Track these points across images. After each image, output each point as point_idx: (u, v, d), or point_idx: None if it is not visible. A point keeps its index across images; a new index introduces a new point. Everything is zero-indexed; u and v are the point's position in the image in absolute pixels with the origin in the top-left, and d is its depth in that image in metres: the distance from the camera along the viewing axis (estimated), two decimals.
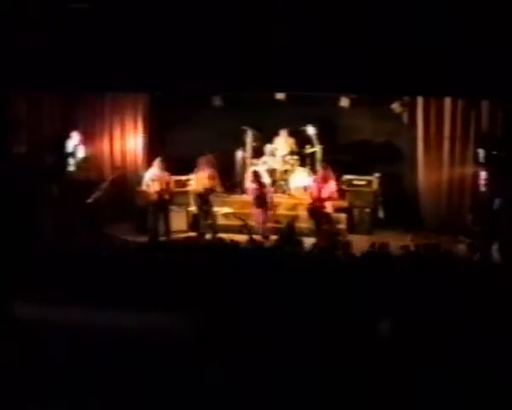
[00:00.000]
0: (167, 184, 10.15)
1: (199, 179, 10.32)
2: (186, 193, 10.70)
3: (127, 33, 8.64)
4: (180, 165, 10.73)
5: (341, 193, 10.41)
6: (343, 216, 10.38)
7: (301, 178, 11.10)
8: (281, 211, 10.69)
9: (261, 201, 10.07)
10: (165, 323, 5.25)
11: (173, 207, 10.48)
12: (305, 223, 10.06)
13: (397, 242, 8.35)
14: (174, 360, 4.62)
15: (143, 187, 10.11)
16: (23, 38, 8.50)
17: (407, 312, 5.31)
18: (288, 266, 6.31)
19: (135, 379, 4.41)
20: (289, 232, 8.78)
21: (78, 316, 5.42)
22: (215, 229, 10.12)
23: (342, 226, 10.21)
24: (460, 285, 5.77)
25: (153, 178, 10.06)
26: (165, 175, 10.17)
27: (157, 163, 10.14)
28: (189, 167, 10.68)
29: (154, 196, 10.00)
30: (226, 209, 10.58)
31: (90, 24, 8.52)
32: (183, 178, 10.70)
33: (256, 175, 10.20)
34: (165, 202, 10.14)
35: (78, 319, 5.37)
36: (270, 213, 10.14)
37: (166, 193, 10.12)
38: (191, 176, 10.57)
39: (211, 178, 10.28)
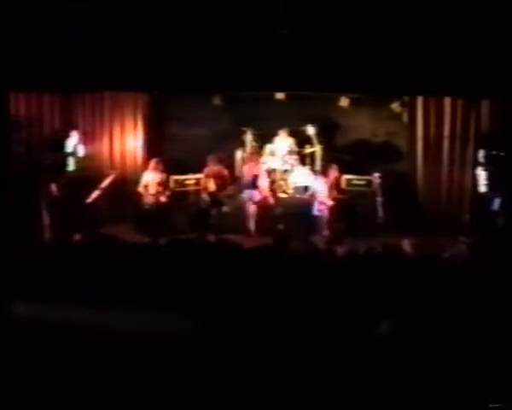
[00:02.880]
0: (164, 185, 10.12)
1: (209, 178, 10.32)
2: (187, 192, 10.70)
3: (127, 33, 8.64)
4: (180, 165, 10.73)
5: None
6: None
7: (301, 178, 11.11)
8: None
9: None
10: (165, 323, 5.26)
11: None
12: None
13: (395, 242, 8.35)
14: (175, 361, 4.62)
15: (140, 189, 10.12)
16: (23, 37, 8.48)
17: (406, 313, 5.32)
18: (288, 267, 6.31)
19: (135, 379, 4.42)
20: None
21: (78, 316, 5.42)
22: (221, 229, 10.06)
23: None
24: (458, 286, 5.78)
25: (148, 180, 10.07)
26: (162, 177, 10.15)
27: (152, 165, 10.14)
28: (187, 167, 10.69)
29: (151, 199, 10.00)
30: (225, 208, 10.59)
31: (90, 24, 8.52)
32: (190, 177, 10.68)
33: None
34: (162, 204, 10.12)
35: (78, 318, 5.37)
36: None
37: (163, 195, 10.10)
38: (199, 175, 10.56)
39: (221, 176, 10.28)
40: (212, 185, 10.38)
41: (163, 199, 10.16)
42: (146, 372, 4.50)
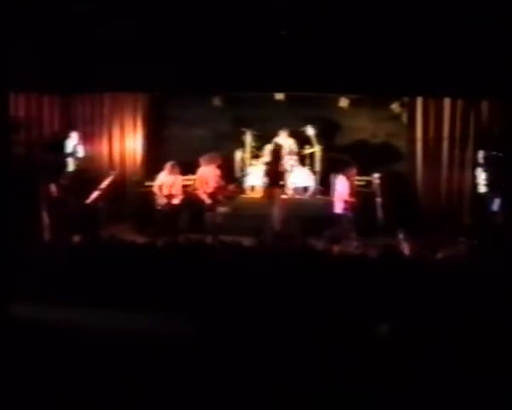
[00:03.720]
0: (177, 188, 10.10)
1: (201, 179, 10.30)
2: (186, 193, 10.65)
3: (127, 34, 8.65)
4: (180, 165, 10.71)
5: None
6: None
7: (302, 179, 11.11)
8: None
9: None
10: (165, 324, 5.26)
11: None
12: None
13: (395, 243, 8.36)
14: (174, 362, 4.62)
15: (154, 190, 10.13)
16: (23, 38, 8.49)
17: (406, 315, 5.32)
18: (287, 266, 6.31)
19: (135, 380, 4.42)
20: None
21: (78, 316, 5.42)
22: (219, 230, 10.03)
23: None
24: (458, 286, 5.78)
25: (163, 181, 10.07)
26: (177, 179, 10.13)
27: (167, 167, 10.13)
28: (187, 168, 10.68)
29: (164, 200, 10.00)
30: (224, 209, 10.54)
31: (91, 25, 8.53)
32: (190, 177, 10.64)
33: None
34: (174, 206, 10.09)
35: (78, 319, 5.37)
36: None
37: (175, 198, 10.08)
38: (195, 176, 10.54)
39: (217, 177, 10.26)
40: (206, 186, 10.33)
41: (176, 201, 10.14)
42: (145, 372, 4.50)
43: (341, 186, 9.82)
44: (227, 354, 4.77)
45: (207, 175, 10.18)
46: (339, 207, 9.78)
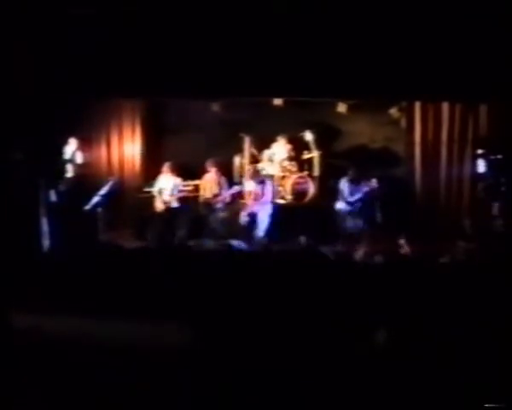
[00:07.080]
0: (177, 189, 10.11)
1: (207, 184, 10.31)
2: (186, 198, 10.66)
3: (127, 38, 8.67)
4: (178, 170, 10.72)
5: None
6: None
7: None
8: None
9: None
10: (163, 331, 5.26)
11: None
12: None
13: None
14: (173, 369, 4.62)
15: (155, 194, 10.11)
16: (23, 42, 8.50)
17: (405, 318, 5.32)
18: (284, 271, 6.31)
19: (134, 387, 4.41)
20: None
21: (77, 324, 5.42)
22: (219, 235, 10.03)
23: None
24: (457, 290, 5.78)
25: (162, 183, 10.05)
26: (175, 181, 10.13)
27: (165, 169, 10.13)
28: (186, 173, 10.68)
29: (163, 204, 9.99)
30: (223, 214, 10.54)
31: (90, 29, 8.54)
32: (189, 183, 10.64)
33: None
34: (173, 209, 10.08)
35: (77, 327, 5.37)
36: None
37: (174, 200, 10.07)
38: (198, 181, 10.54)
39: (219, 182, 10.26)
40: (210, 191, 10.35)
41: (175, 204, 10.13)
42: (144, 380, 4.49)
43: None
44: (227, 360, 4.76)
45: (212, 180, 10.21)
46: None
